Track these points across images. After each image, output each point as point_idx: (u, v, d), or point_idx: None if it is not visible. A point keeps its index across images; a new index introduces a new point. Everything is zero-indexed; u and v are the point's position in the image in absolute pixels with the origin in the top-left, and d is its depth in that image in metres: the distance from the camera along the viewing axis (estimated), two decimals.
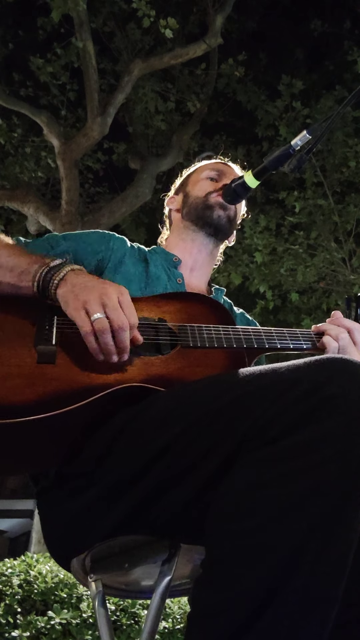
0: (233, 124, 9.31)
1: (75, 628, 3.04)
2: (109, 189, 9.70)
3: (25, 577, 3.32)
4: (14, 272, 1.22)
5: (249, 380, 0.95)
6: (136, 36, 8.04)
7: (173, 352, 1.22)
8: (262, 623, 0.74)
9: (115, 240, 1.53)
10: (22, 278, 1.22)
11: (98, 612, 1.22)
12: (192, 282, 1.62)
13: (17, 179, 8.79)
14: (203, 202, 1.62)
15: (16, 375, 1.08)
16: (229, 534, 0.82)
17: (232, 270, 8.01)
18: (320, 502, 0.78)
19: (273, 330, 1.37)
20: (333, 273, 8.04)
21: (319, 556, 0.77)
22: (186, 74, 8.71)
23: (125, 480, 1.03)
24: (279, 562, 0.76)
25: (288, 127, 7.77)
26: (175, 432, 0.98)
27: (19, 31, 8.26)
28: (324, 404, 0.83)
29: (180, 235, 1.67)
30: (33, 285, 1.20)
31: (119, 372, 1.14)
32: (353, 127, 7.74)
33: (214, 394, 0.98)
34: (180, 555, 1.07)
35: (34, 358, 1.12)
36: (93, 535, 1.10)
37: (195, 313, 1.35)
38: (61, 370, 1.11)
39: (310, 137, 1.40)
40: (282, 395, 0.87)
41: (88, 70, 7.23)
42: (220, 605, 0.78)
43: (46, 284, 1.19)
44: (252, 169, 1.52)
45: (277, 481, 0.81)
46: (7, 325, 1.18)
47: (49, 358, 1.12)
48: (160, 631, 3.26)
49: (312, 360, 0.90)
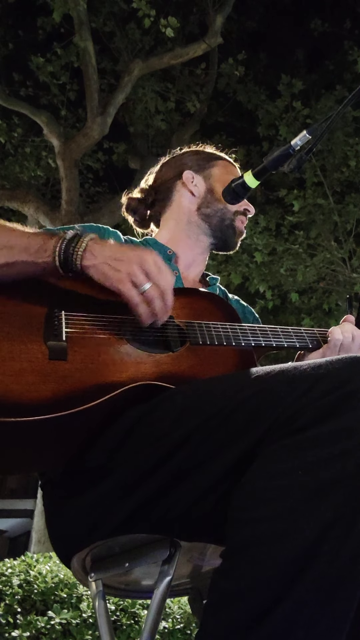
0: (233, 124, 9.31)
1: (75, 628, 3.04)
2: (109, 189, 9.70)
3: (25, 577, 3.32)
4: (30, 250, 1.21)
5: (273, 375, 0.96)
6: (136, 36, 8.04)
7: (182, 349, 1.22)
8: (281, 611, 0.75)
9: (109, 233, 1.52)
10: (39, 255, 1.20)
11: (98, 612, 1.22)
12: (189, 276, 1.61)
13: (17, 179, 8.79)
14: (230, 220, 1.59)
15: (29, 371, 1.07)
16: (250, 522, 0.82)
17: (232, 270, 8.01)
18: (342, 492, 0.79)
19: (278, 328, 1.37)
20: (333, 273, 8.04)
21: (340, 545, 0.77)
22: (186, 74, 8.71)
23: (135, 476, 1.03)
24: (299, 550, 0.77)
25: (288, 127, 7.77)
26: (191, 427, 0.98)
27: (19, 31, 8.27)
28: (347, 399, 0.85)
29: (185, 230, 1.61)
30: (55, 260, 1.19)
31: (131, 370, 1.14)
32: (353, 127, 7.75)
33: (236, 388, 0.99)
34: (180, 555, 1.06)
35: (45, 354, 1.11)
36: (100, 531, 1.09)
37: (200, 309, 1.35)
38: (73, 367, 1.10)
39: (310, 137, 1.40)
40: (308, 389, 0.88)
41: (88, 70, 7.23)
42: (239, 593, 0.78)
43: (68, 256, 1.18)
44: (252, 169, 1.52)
45: (300, 469, 0.82)
46: (14, 318, 1.17)
47: (60, 354, 1.11)
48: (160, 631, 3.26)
49: (334, 358, 0.93)
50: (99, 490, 1.08)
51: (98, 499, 1.08)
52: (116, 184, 9.42)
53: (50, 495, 1.23)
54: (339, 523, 0.78)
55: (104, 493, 1.07)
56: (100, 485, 1.08)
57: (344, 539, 0.77)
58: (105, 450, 1.09)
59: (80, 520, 1.12)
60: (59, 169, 7.77)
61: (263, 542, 0.79)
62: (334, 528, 0.78)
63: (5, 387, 1.02)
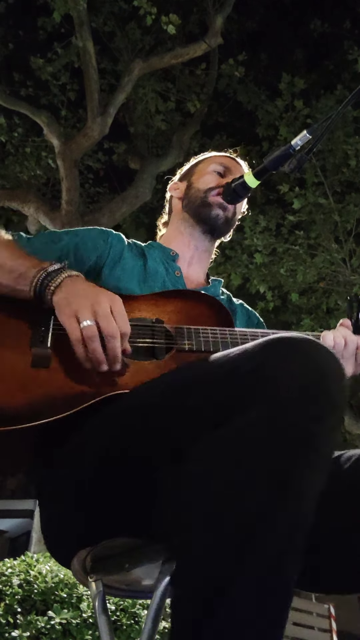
0: (233, 124, 9.30)
1: (75, 628, 3.04)
2: (109, 189, 9.69)
3: (25, 577, 3.32)
4: (12, 274, 1.22)
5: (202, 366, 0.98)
6: (136, 36, 8.03)
7: (168, 356, 1.21)
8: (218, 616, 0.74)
9: (113, 236, 1.54)
10: (19, 281, 1.21)
11: (98, 612, 1.22)
12: (191, 275, 1.63)
13: (17, 178, 8.78)
14: (202, 199, 1.62)
15: (9, 377, 1.07)
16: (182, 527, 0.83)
17: (232, 271, 8.01)
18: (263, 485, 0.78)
19: (271, 332, 1.37)
20: (333, 273, 8.04)
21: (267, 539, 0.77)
22: (186, 74, 8.70)
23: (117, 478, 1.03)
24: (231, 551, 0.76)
25: (288, 127, 7.76)
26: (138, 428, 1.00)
27: (19, 31, 8.25)
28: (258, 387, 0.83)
29: (179, 227, 1.67)
30: (30, 290, 1.19)
31: (112, 379, 1.14)
32: (353, 127, 7.74)
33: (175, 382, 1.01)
34: None
35: (29, 361, 1.11)
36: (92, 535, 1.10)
37: (195, 314, 1.34)
38: (54, 375, 1.11)
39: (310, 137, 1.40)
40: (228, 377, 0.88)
41: (88, 70, 7.23)
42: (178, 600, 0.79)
43: (43, 289, 1.18)
44: (252, 169, 1.52)
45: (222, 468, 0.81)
46: (4, 325, 1.18)
47: (43, 361, 1.12)
48: (160, 631, 3.26)
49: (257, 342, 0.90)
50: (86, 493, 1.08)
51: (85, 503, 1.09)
52: (116, 184, 9.42)
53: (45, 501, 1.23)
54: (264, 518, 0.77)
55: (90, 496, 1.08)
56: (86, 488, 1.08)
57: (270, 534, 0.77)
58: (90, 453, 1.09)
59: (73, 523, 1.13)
60: (59, 169, 7.76)
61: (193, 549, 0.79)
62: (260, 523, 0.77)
63: None
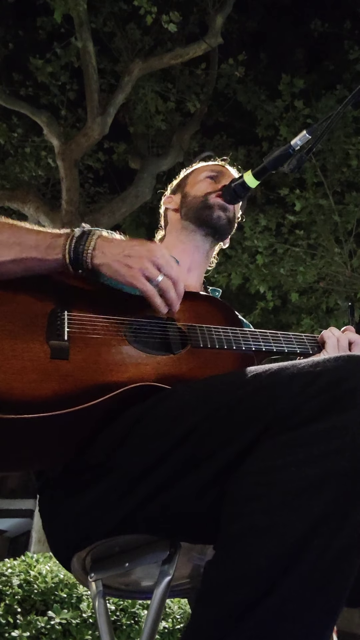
0: (233, 124, 9.31)
1: (75, 628, 3.04)
2: (109, 189, 9.70)
3: (25, 577, 3.32)
4: (39, 247, 1.23)
5: (271, 372, 0.97)
6: (136, 36, 8.03)
7: (184, 351, 1.23)
8: (269, 602, 0.75)
9: None
10: (49, 252, 1.23)
11: (98, 612, 1.22)
12: (189, 283, 1.62)
13: (17, 179, 8.79)
14: (202, 202, 1.62)
15: (31, 369, 1.07)
16: (242, 515, 0.83)
17: (232, 271, 8.01)
18: (332, 489, 0.79)
19: (279, 334, 1.38)
20: (333, 273, 8.04)
21: (329, 540, 0.78)
22: (186, 74, 8.71)
23: (134, 475, 1.03)
24: (289, 544, 0.77)
25: (288, 127, 7.76)
26: (191, 424, 0.98)
27: (19, 31, 8.26)
28: (343, 396, 0.85)
29: (178, 236, 1.68)
30: (65, 257, 1.22)
31: (131, 371, 1.14)
32: (353, 127, 7.74)
33: (235, 385, 0.99)
34: (180, 555, 1.06)
35: (47, 353, 1.11)
36: (99, 531, 1.09)
37: (202, 313, 1.36)
38: (75, 367, 1.11)
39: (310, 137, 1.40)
40: (304, 386, 0.89)
41: (88, 70, 7.23)
42: (228, 583, 0.79)
43: (78, 254, 1.21)
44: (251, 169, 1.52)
45: (294, 465, 0.82)
46: (17, 317, 1.17)
47: (62, 353, 1.12)
48: (160, 631, 3.26)
49: (332, 357, 0.93)
50: (98, 489, 1.08)
51: (97, 498, 1.08)
52: (116, 184, 9.43)
53: (48, 497, 1.23)
54: (327, 520, 0.78)
55: (102, 492, 1.07)
56: (99, 485, 1.08)
57: (332, 535, 0.78)
58: (104, 449, 1.09)
59: (79, 520, 1.12)
60: (59, 169, 7.77)
61: (252, 536, 0.80)
62: (323, 525, 0.78)
63: (7, 385, 1.03)
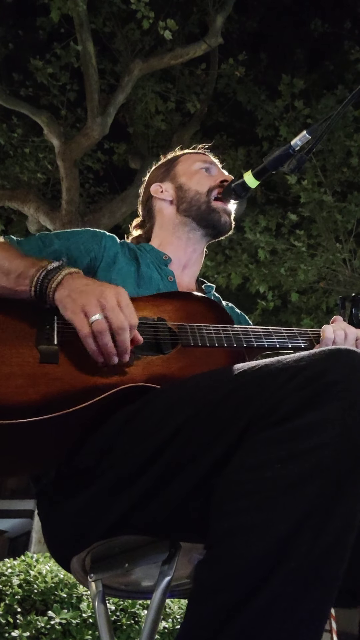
0: (233, 124, 9.31)
1: (75, 628, 3.04)
2: (109, 189, 9.70)
3: (25, 577, 3.32)
4: (11, 276, 1.22)
5: (257, 368, 0.96)
6: (136, 36, 8.03)
7: (174, 351, 1.22)
8: (259, 601, 0.75)
9: (107, 238, 1.52)
10: (19, 282, 1.21)
11: (98, 612, 1.22)
12: (184, 280, 1.61)
13: (17, 179, 8.79)
14: (207, 204, 1.59)
15: (19, 374, 1.08)
16: (229, 513, 0.82)
17: (232, 270, 8.00)
18: (318, 484, 0.79)
19: (271, 329, 1.37)
20: (333, 273, 8.04)
21: (316, 537, 0.77)
22: (186, 74, 8.71)
23: (126, 475, 1.03)
24: (275, 543, 0.77)
25: (288, 127, 7.76)
26: (180, 422, 0.98)
27: (19, 31, 8.26)
28: (326, 390, 0.84)
29: (175, 232, 1.63)
30: (30, 290, 1.19)
31: (121, 372, 1.15)
32: (354, 127, 7.74)
33: (221, 382, 0.99)
34: (180, 555, 1.07)
35: (36, 358, 1.12)
36: (94, 533, 1.09)
37: (193, 312, 1.35)
38: (64, 371, 1.11)
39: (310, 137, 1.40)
40: (287, 381, 0.88)
41: (88, 70, 7.23)
42: (218, 583, 0.78)
43: (44, 287, 1.18)
44: (252, 169, 1.52)
45: (277, 462, 0.82)
46: (7, 324, 1.18)
47: (51, 358, 1.12)
48: (160, 631, 3.26)
49: (316, 350, 0.92)
50: (92, 491, 1.08)
51: (91, 501, 1.09)
52: (116, 184, 9.43)
53: (45, 501, 1.24)
54: (314, 516, 0.78)
55: (96, 494, 1.08)
56: (91, 487, 1.08)
57: (319, 531, 0.77)
58: (95, 452, 1.09)
59: (74, 521, 1.13)
60: (59, 169, 7.77)
61: (240, 534, 0.80)
62: (310, 520, 0.78)
63: None
